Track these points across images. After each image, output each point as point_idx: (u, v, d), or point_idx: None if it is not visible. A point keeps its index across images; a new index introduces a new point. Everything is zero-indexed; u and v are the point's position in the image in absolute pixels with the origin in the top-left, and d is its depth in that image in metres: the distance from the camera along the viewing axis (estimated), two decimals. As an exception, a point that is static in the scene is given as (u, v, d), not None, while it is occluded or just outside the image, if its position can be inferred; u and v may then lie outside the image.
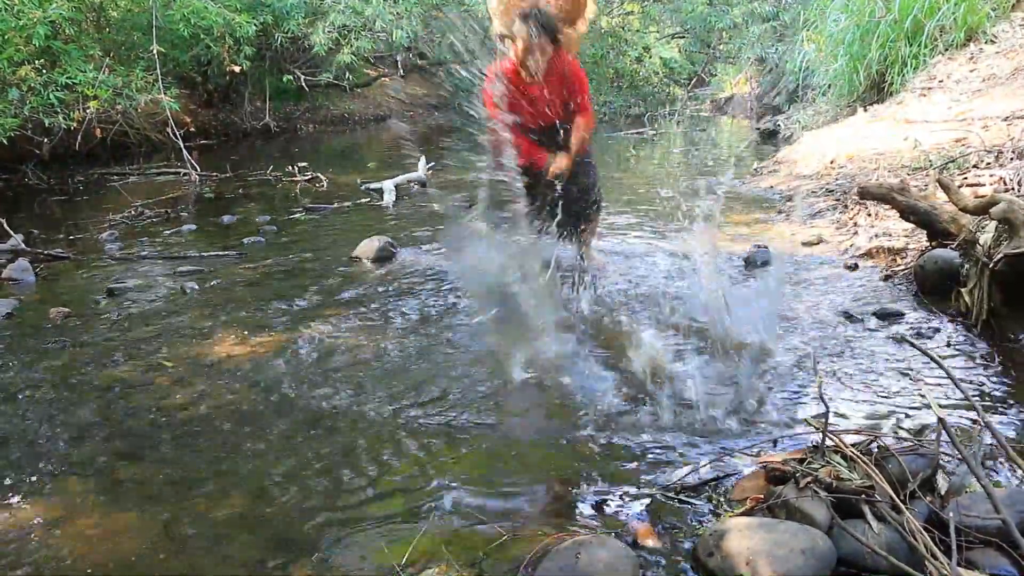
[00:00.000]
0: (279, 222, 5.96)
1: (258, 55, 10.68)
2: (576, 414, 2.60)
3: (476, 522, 2.01)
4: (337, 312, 3.73)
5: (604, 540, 1.79)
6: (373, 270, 4.54)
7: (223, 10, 8.66)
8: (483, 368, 3.01)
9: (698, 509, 2.04)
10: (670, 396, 2.65)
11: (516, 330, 3.37)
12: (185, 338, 3.45)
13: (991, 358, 2.88)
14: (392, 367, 3.05)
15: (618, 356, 3.05)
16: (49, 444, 2.53)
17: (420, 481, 2.22)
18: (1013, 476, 2.09)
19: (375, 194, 6.94)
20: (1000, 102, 6.01)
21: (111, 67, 7.86)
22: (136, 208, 6.36)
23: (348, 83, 13.08)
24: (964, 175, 4.69)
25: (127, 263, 4.83)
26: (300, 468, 2.32)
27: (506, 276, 3.51)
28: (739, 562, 1.68)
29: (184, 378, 3.01)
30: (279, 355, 3.20)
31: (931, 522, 1.78)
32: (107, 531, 2.03)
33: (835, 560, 1.74)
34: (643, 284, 4.02)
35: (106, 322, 3.70)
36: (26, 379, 3.05)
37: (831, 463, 1.92)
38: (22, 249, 4.94)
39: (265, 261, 4.76)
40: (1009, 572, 1.67)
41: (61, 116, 7.13)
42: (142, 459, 2.41)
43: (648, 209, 5.90)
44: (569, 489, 2.16)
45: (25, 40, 6.88)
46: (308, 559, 1.90)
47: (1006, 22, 7.53)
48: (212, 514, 2.10)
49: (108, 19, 9.51)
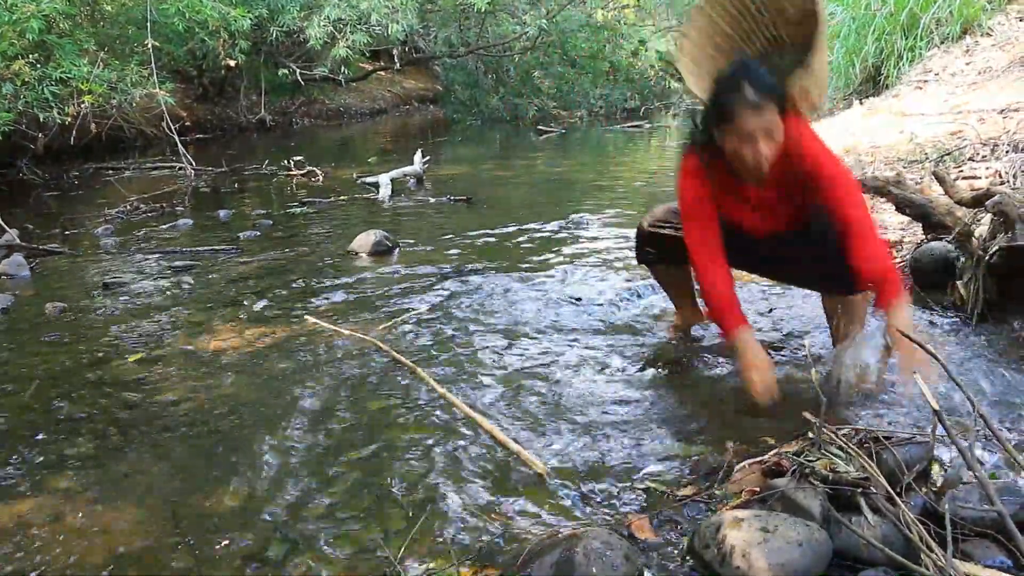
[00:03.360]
0: (275, 216, 5.95)
1: (253, 49, 10.64)
2: (575, 412, 2.60)
3: (472, 517, 2.01)
4: (333, 306, 3.73)
5: (600, 534, 1.79)
6: (369, 264, 4.53)
7: (218, 4, 8.62)
8: (481, 363, 3.01)
9: (694, 502, 2.04)
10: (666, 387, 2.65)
11: (508, 322, 3.38)
12: (181, 332, 3.44)
13: (986, 351, 2.89)
14: (390, 361, 3.04)
15: (605, 348, 3.06)
16: (44, 439, 2.52)
17: (418, 476, 2.22)
18: (1008, 467, 2.09)
19: (371, 188, 6.93)
20: (996, 95, 6.02)
21: (106, 61, 7.82)
22: (131, 203, 6.34)
23: (344, 77, 13.05)
24: (960, 168, 4.69)
25: (122, 258, 4.82)
26: (297, 462, 2.32)
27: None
28: (735, 555, 1.69)
29: (180, 372, 3.01)
30: (276, 349, 3.20)
31: (927, 514, 1.79)
32: (103, 527, 2.03)
33: (831, 552, 1.74)
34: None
35: (102, 317, 3.70)
36: (21, 374, 3.05)
37: (827, 455, 1.92)
38: (17, 244, 4.92)
39: (261, 255, 4.76)
40: (1004, 563, 1.67)
41: (56, 111, 7.09)
42: (138, 454, 2.41)
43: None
44: (565, 483, 2.16)
45: (19, 34, 6.84)
46: (305, 554, 1.90)
47: (1002, 15, 7.53)
48: (209, 509, 2.10)
49: (102, 13, 9.48)
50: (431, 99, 17.14)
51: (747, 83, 2.26)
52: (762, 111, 2.27)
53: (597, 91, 14.59)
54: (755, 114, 2.26)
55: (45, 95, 6.98)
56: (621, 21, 16.30)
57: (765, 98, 2.27)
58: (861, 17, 8.00)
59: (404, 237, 5.07)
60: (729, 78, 2.33)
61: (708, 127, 2.42)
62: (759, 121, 2.27)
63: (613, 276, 4.01)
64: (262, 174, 8.05)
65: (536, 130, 12.22)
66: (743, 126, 2.28)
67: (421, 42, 14.97)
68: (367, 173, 7.36)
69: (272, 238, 5.26)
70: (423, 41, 14.95)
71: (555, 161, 8.90)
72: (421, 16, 12.84)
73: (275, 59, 12.07)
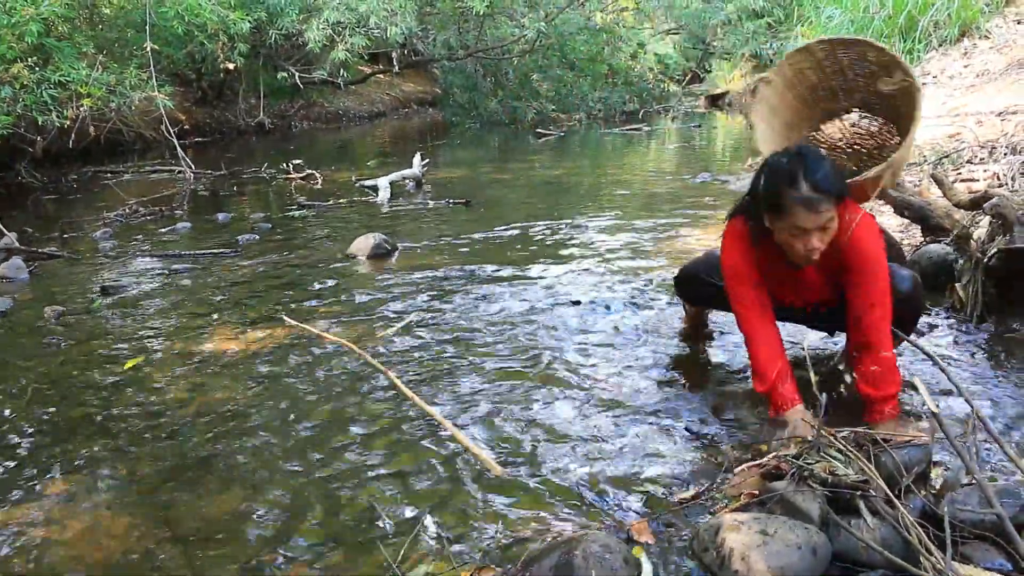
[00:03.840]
0: (274, 219, 5.95)
1: (252, 52, 10.64)
2: (575, 415, 2.60)
3: (472, 520, 2.01)
4: (331, 309, 3.73)
5: (599, 537, 1.79)
6: (368, 267, 4.53)
7: (217, 7, 8.63)
8: (479, 364, 3.00)
9: (693, 505, 2.04)
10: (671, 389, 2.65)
11: (507, 320, 3.38)
12: (179, 335, 3.44)
13: (985, 353, 2.89)
14: (387, 364, 3.04)
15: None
16: (43, 442, 2.52)
17: (417, 479, 2.22)
18: (1007, 470, 2.09)
19: (370, 191, 6.93)
20: (994, 97, 6.03)
21: (105, 64, 7.82)
22: (130, 206, 6.34)
23: (343, 80, 13.05)
24: (958, 170, 4.70)
25: (121, 261, 4.81)
26: (296, 465, 2.32)
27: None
28: (734, 558, 1.69)
29: (178, 376, 3.01)
30: (274, 352, 3.20)
31: (926, 516, 1.79)
32: (102, 530, 2.03)
33: (830, 555, 1.74)
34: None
35: (100, 320, 3.70)
36: (20, 377, 3.04)
37: (826, 458, 1.92)
38: (16, 247, 4.92)
39: (260, 258, 4.76)
40: (1003, 566, 1.67)
41: (54, 114, 7.09)
42: (137, 457, 2.40)
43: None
44: (565, 486, 2.16)
45: (18, 37, 6.84)
46: (304, 557, 1.89)
47: (1000, 18, 7.55)
48: (207, 512, 2.10)
49: (101, 16, 9.48)
50: (430, 102, 17.15)
51: (804, 179, 2.11)
52: (818, 209, 2.12)
53: (596, 94, 14.59)
54: (810, 212, 2.12)
55: (44, 98, 6.98)
56: (620, 24, 16.31)
57: (822, 195, 2.11)
58: (859, 20, 8.02)
59: (403, 240, 5.07)
60: (786, 170, 2.15)
61: (759, 211, 2.27)
62: (814, 219, 2.13)
63: (612, 279, 4.01)
64: (261, 177, 8.05)
65: (535, 133, 12.23)
66: (795, 222, 2.15)
67: (420, 45, 14.96)
68: (366, 176, 7.35)
69: (271, 241, 5.25)
70: (422, 44, 14.94)
71: (553, 164, 8.90)
72: (420, 19, 12.84)
73: (274, 62, 12.08)
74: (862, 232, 2.28)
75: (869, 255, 2.27)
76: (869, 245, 2.28)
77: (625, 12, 16.92)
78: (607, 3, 15.42)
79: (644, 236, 4.93)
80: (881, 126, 2.83)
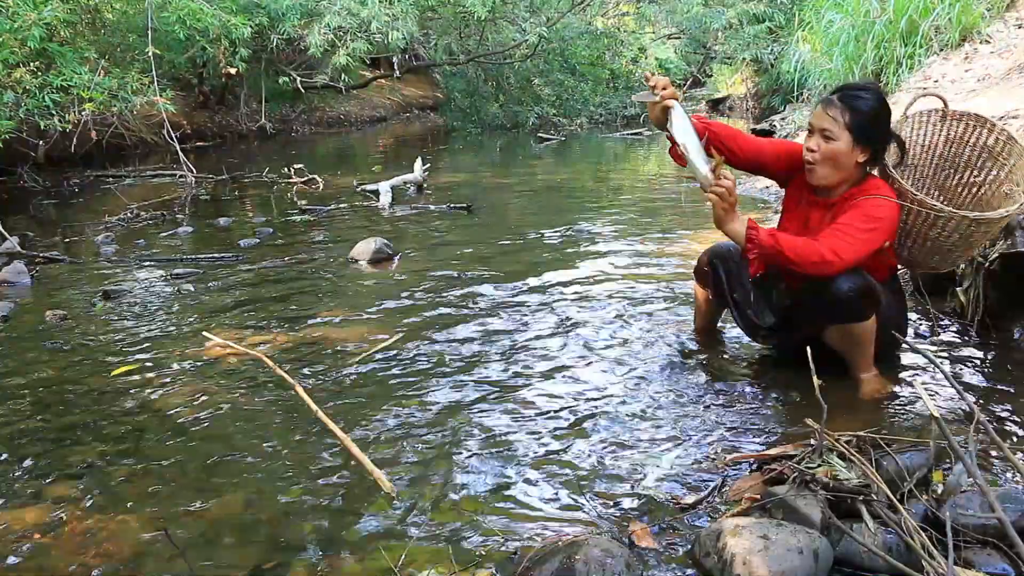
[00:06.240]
0: (275, 224, 5.95)
1: (254, 57, 10.66)
2: (576, 420, 2.60)
3: (473, 523, 2.01)
4: (333, 313, 3.73)
5: (601, 541, 1.78)
6: (370, 271, 4.53)
7: (219, 12, 8.64)
8: (481, 374, 3.00)
9: (695, 510, 2.04)
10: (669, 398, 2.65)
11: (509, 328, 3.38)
12: (181, 340, 3.44)
13: (986, 357, 2.89)
14: (389, 369, 3.04)
15: (616, 359, 3.06)
16: (43, 446, 2.52)
17: (417, 482, 2.22)
18: (1009, 475, 2.09)
19: (371, 195, 6.94)
20: (995, 102, 6.02)
21: (106, 69, 7.83)
22: (132, 210, 6.34)
23: (344, 85, 13.06)
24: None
25: (123, 265, 4.82)
26: (296, 469, 2.32)
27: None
28: (736, 562, 1.68)
29: (180, 381, 3.01)
30: (275, 357, 3.19)
31: (928, 521, 1.79)
32: (102, 533, 2.03)
33: (832, 560, 1.74)
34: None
35: (102, 324, 3.70)
36: (21, 381, 3.04)
37: (828, 462, 1.92)
38: (18, 252, 4.92)
39: (261, 263, 4.76)
40: (1006, 571, 1.67)
41: (56, 118, 7.10)
42: (137, 461, 2.40)
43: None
44: (566, 490, 2.16)
45: (20, 42, 6.86)
46: (304, 561, 1.89)
47: (1000, 22, 7.55)
48: (208, 516, 2.09)
49: (103, 21, 9.49)
50: (431, 107, 17.16)
51: (842, 89, 2.47)
52: (828, 111, 2.41)
53: (597, 98, 14.61)
54: (822, 110, 2.42)
55: (46, 103, 6.99)
56: (621, 28, 16.34)
57: (841, 105, 2.39)
58: (860, 24, 8.01)
59: (404, 245, 5.08)
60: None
61: None
62: (819, 118, 2.42)
63: (613, 284, 4.01)
64: (262, 182, 8.05)
65: (536, 137, 12.24)
66: (812, 120, 2.46)
67: (421, 50, 15.00)
68: (367, 181, 7.36)
69: (272, 246, 5.26)
70: (423, 49, 14.98)
71: (555, 169, 8.91)
72: (421, 24, 12.85)
73: (275, 67, 12.10)
74: (876, 192, 2.44)
75: (868, 207, 2.41)
76: (875, 203, 2.41)
77: (626, 17, 16.96)
78: (608, 8, 15.44)
79: (645, 240, 4.94)
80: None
